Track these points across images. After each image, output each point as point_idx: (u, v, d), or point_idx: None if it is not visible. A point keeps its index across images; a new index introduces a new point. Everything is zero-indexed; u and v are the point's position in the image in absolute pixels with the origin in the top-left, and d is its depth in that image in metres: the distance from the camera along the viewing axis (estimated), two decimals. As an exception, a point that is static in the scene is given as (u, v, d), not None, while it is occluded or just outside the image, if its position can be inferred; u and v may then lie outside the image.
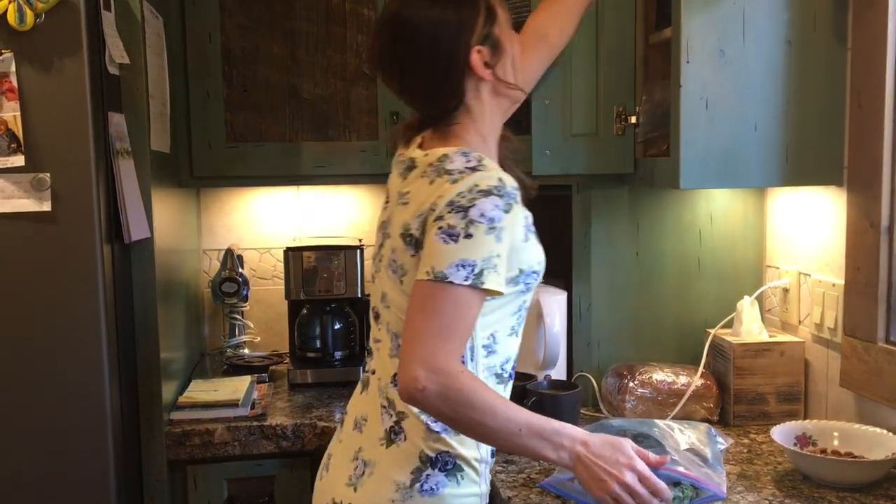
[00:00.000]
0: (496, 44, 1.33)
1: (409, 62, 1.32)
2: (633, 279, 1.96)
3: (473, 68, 1.31)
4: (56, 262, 1.56)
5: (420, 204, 1.27)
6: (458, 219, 1.20)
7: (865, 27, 1.56)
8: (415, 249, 1.26)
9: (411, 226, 1.27)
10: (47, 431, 1.58)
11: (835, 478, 1.45)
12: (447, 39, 1.29)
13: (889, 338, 1.55)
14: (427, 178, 1.28)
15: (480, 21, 1.31)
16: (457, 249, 1.19)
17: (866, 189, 1.57)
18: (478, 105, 1.35)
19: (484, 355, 1.31)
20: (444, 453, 1.29)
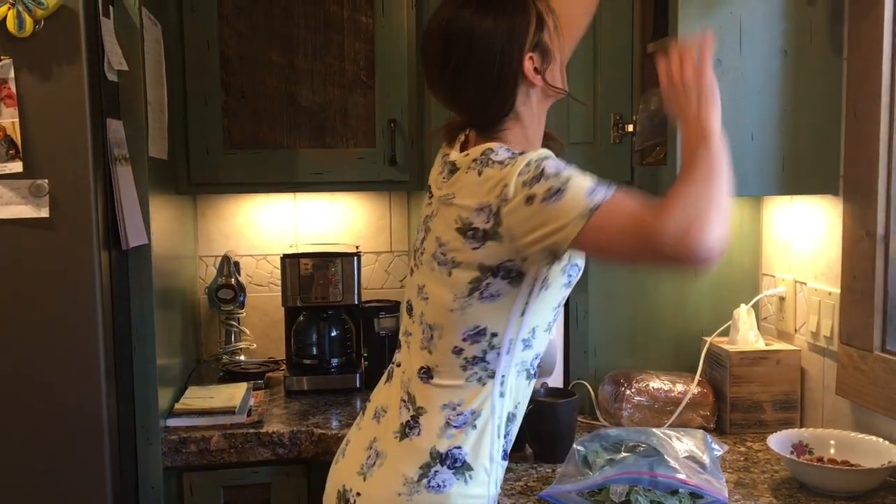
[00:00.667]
0: (545, 50, 1.34)
1: (462, 73, 1.31)
2: (629, 287, 1.97)
3: (526, 75, 1.32)
4: (54, 268, 1.55)
5: (477, 196, 1.26)
6: (544, 182, 1.19)
7: (861, 38, 1.58)
8: (479, 242, 1.25)
9: (473, 220, 1.26)
10: (44, 438, 1.57)
11: (831, 486, 1.46)
12: (500, 49, 1.30)
13: (885, 346, 1.56)
14: (473, 171, 1.28)
15: (532, 29, 1.32)
16: (574, 192, 1.17)
17: (862, 198, 1.58)
18: (527, 111, 1.35)
19: (521, 349, 1.31)
20: (457, 449, 1.29)
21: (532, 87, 1.34)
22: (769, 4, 1.61)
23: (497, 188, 1.23)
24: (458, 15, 1.31)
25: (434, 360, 1.32)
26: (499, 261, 1.25)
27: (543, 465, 1.65)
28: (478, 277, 1.27)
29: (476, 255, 1.26)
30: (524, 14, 1.32)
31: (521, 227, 1.21)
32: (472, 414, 1.29)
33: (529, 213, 1.19)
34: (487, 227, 1.24)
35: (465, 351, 1.29)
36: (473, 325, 1.29)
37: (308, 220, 2.50)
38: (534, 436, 1.66)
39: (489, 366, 1.30)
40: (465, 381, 1.30)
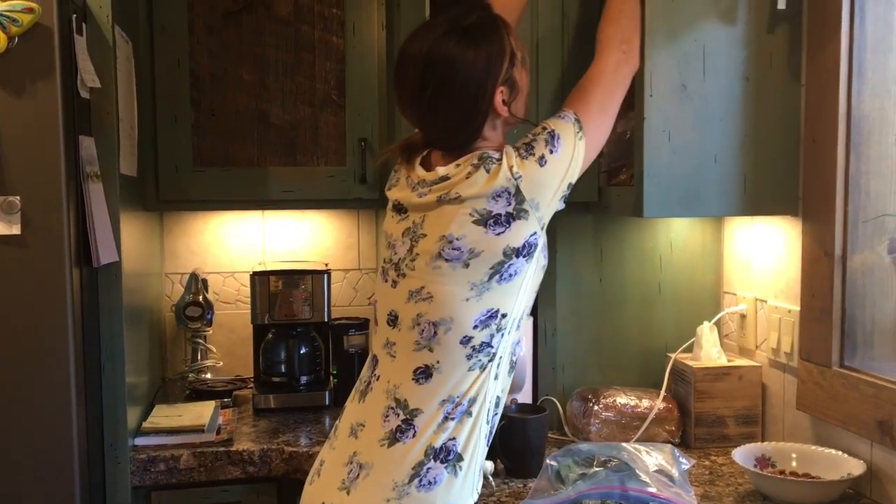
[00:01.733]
0: (514, 83, 1.42)
1: (438, 100, 1.38)
2: (596, 305, 2.01)
3: (496, 108, 1.41)
4: (25, 285, 1.54)
5: (491, 188, 1.35)
6: (538, 142, 1.38)
7: (818, 65, 1.64)
8: (504, 226, 1.35)
9: (492, 208, 1.35)
10: (12, 456, 1.55)
11: (794, 498, 1.51)
12: (477, 82, 1.38)
13: (843, 362, 1.62)
14: (479, 168, 1.36)
15: (505, 65, 1.40)
16: (561, 129, 1.40)
17: (820, 219, 1.64)
18: (493, 135, 1.44)
19: (515, 329, 1.39)
20: (451, 441, 1.32)
21: (499, 117, 1.43)
22: (732, 33, 1.67)
23: (507, 173, 1.35)
24: (440, 43, 1.37)
25: (435, 357, 1.35)
26: (524, 238, 1.35)
27: (515, 480, 1.67)
28: (500, 262, 1.35)
29: (501, 239, 1.34)
30: (500, 50, 1.40)
31: (548, 187, 1.37)
32: (469, 402, 1.34)
33: (550, 170, 1.37)
34: (510, 209, 1.35)
35: (473, 339, 1.35)
36: (487, 310, 1.35)
37: (276, 237, 2.51)
38: (505, 451, 1.68)
39: (492, 350, 1.36)
40: (468, 370, 1.35)
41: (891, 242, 1.60)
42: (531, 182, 1.35)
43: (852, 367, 1.60)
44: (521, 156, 1.37)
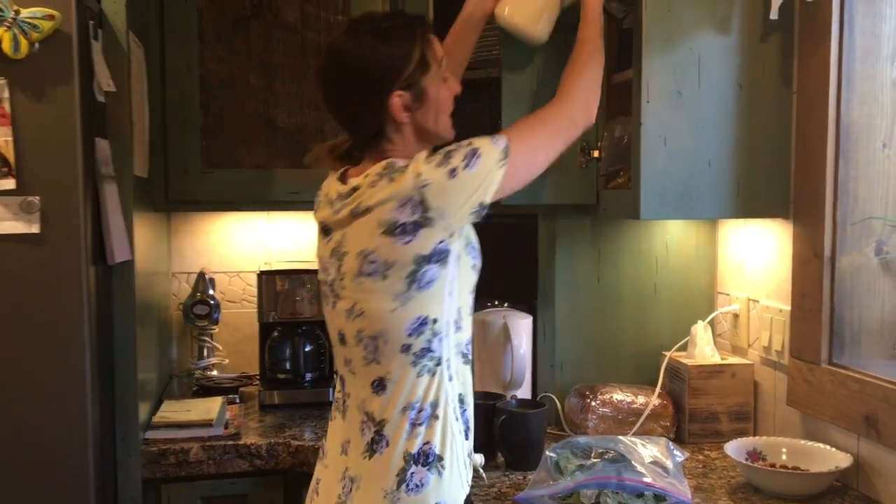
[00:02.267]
0: (421, 92, 1.43)
1: (337, 87, 1.45)
2: (594, 304, 2.07)
3: (392, 110, 1.41)
4: (44, 282, 1.59)
5: (396, 197, 1.34)
6: (457, 154, 1.35)
7: (809, 73, 1.71)
8: (410, 235, 1.34)
9: (398, 218, 1.34)
10: (29, 448, 1.60)
11: (783, 489, 1.56)
12: (372, 76, 1.40)
13: (832, 360, 1.68)
14: (382, 179, 1.37)
15: (409, 68, 1.41)
16: (485, 150, 1.37)
17: (810, 221, 1.70)
18: (401, 141, 1.45)
19: (454, 331, 1.41)
20: (427, 445, 1.36)
21: (402, 123, 1.44)
22: (725, 41, 1.73)
23: (412, 181, 1.34)
24: (345, 39, 1.44)
25: (385, 369, 1.39)
26: (432, 246, 1.35)
27: (515, 472, 1.73)
28: (413, 270, 1.35)
29: (409, 248, 1.35)
30: (406, 54, 1.41)
31: (453, 199, 1.34)
32: (431, 406, 1.37)
33: (458, 184, 1.34)
34: (416, 218, 1.34)
35: (412, 346, 1.37)
36: (415, 318, 1.37)
37: (281, 238, 2.56)
38: (506, 444, 1.74)
39: (435, 354, 1.38)
40: (417, 376, 1.37)
41: (878, 245, 1.66)
42: (438, 190, 1.33)
43: (840, 364, 1.66)
44: (436, 162, 1.35)
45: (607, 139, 1.91)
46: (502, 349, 1.98)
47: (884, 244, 1.65)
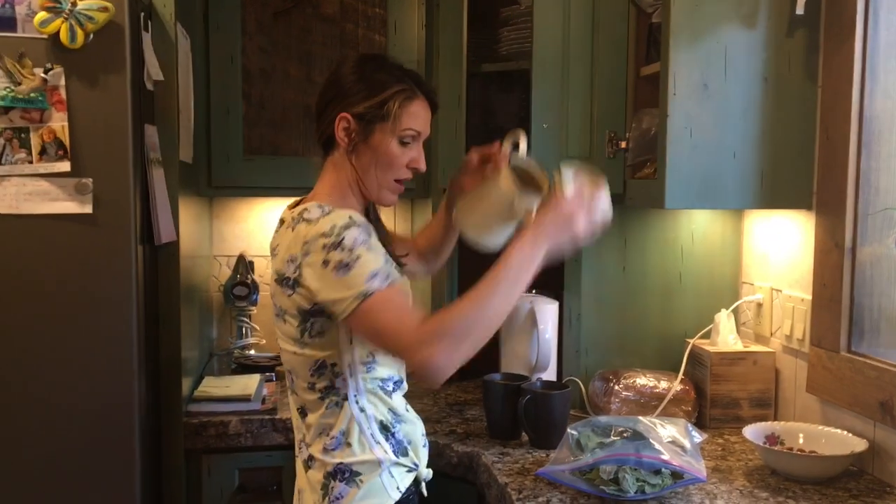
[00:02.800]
0: (368, 131, 1.47)
1: (325, 85, 1.55)
2: (619, 292, 2.12)
3: (335, 129, 1.49)
4: (95, 260, 1.69)
5: (288, 250, 1.42)
6: (339, 252, 1.34)
7: (834, 67, 1.74)
8: (291, 289, 1.41)
9: (285, 270, 1.42)
10: (79, 418, 1.70)
11: (798, 472, 1.61)
12: (341, 89, 1.49)
13: (851, 348, 1.72)
14: (290, 228, 1.44)
15: (367, 102, 1.46)
16: (359, 271, 1.34)
17: (832, 213, 1.74)
18: (340, 170, 1.52)
19: (365, 371, 1.46)
20: (340, 464, 1.45)
21: (338, 147, 1.51)
22: (752, 36, 1.77)
23: (302, 243, 1.38)
24: (359, 55, 1.58)
25: (301, 399, 1.50)
26: (311, 303, 1.40)
27: (538, 450, 1.79)
28: (302, 320, 1.42)
29: (293, 300, 1.42)
30: (374, 88, 1.47)
31: (314, 283, 1.36)
32: (342, 434, 1.45)
33: (322, 276, 1.35)
34: (294, 276, 1.40)
35: (316, 384, 1.46)
36: (314, 362, 1.44)
37: (317, 224, 2.64)
38: (530, 424, 1.81)
39: (340, 391, 1.45)
40: (326, 408, 1.46)
41: (898, 236, 1.69)
42: (310, 269, 1.36)
43: (859, 352, 1.69)
44: (322, 243, 1.35)
45: (635, 130, 1.96)
46: (529, 334, 2.04)
47: (904, 235, 1.69)
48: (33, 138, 1.65)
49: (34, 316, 1.68)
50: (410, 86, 1.50)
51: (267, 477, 2.04)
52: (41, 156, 1.65)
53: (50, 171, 1.66)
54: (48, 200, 1.66)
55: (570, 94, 1.96)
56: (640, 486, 1.47)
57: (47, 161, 1.65)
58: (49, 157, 1.65)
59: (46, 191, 1.66)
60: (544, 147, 1.95)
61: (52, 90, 1.65)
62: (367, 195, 1.53)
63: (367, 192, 1.52)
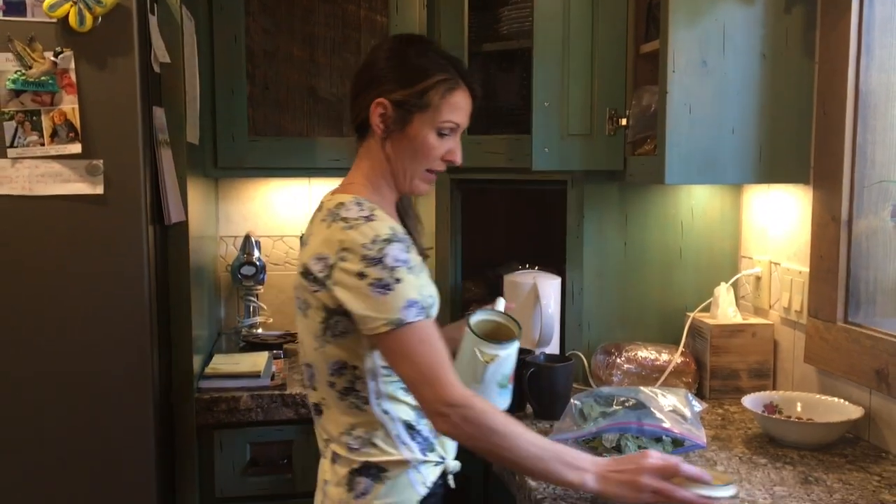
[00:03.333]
0: (405, 120, 1.44)
1: (365, 63, 1.52)
2: (620, 266, 2.16)
3: (370, 112, 1.44)
4: (107, 240, 1.73)
5: (318, 246, 1.37)
6: (380, 270, 1.31)
7: (830, 44, 1.77)
8: (317, 286, 1.37)
9: (312, 266, 1.38)
10: (97, 393, 1.75)
11: (796, 439, 1.66)
12: (381, 71, 1.45)
13: (847, 318, 1.75)
14: (325, 222, 1.39)
15: (408, 90, 1.43)
16: (396, 296, 1.31)
17: (829, 187, 1.78)
18: (376, 150, 1.48)
19: (385, 374, 1.41)
20: (366, 463, 1.42)
21: (373, 134, 1.47)
22: (750, 12, 1.80)
23: (336, 245, 1.34)
24: (407, 36, 1.59)
25: (319, 396, 1.46)
26: (336, 303, 1.36)
27: (542, 420, 1.84)
28: (325, 318, 1.39)
29: (317, 297, 1.38)
30: (416, 75, 1.43)
31: (345, 291, 1.33)
32: (367, 434, 1.42)
33: (356, 287, 1.32)
34: (322, 276, 1.36)
35: (336, 384, 1.42)
36: (335, 361, 1.41)
37: (321, 203, 2.68)
38: (534, 395, 1.85)
39: (361, 393, 1.41)
40: (347, 408, 1.42)
41: (893, 208, 1.72)
42: (340, 276, 1.34)
43: (855, 322, 1.74)
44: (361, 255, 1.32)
45: (635, 107, 1.99)
46: (532, 309, 2.08)
47: (899, 208, 1.72)
48: (45, 121, 1.68)
49: (48, 295, 1.72)
50: (454, 75, 1.45)
51: (278, 451, 2.09)
52: (52, 138, 1.68)
53: (61, 152, 1.69)
54: (60, 182, 1.70)
55: (571, 73, 1.99)
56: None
57: (59, 143, 1.69)
58: (60, 140, 1.69)
59: (58, 172, 1.70)
60: (546, 125, 1.98)
61: (62, 73, 1.68)
62: (399, 185, 1.50)
63: (399, 182, 1.49)
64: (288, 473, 2.09)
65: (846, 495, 1.41)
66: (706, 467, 1.53)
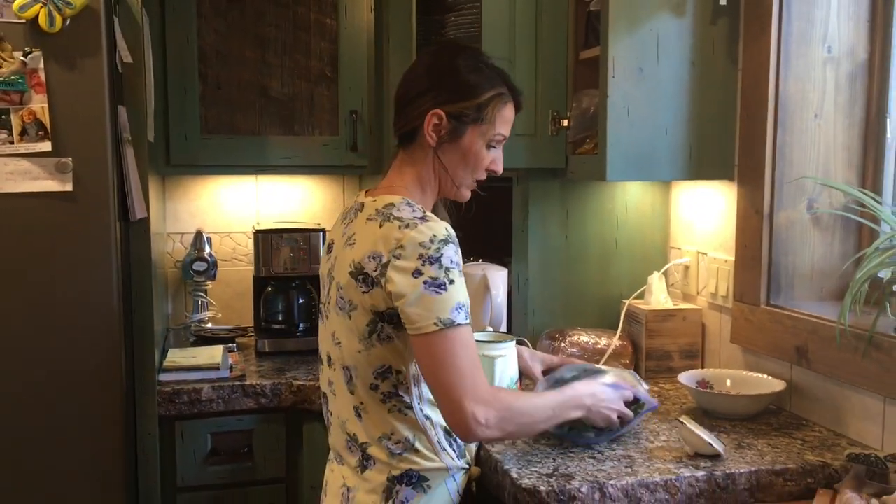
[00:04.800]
0: (460, 132, 1.46)
1: (417, 72, 1.53)
2: (562, 258, 2.31)
3: (424, 123, 1.45)
4: (76, 236, 1.76)
5: (372, 244, 1.38)
6: (436, 269, 1.33)
7: (753, 54, 1.95)
8: (368, 287, 1.37)
9: (365, 265, 1.37)
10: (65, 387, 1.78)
11: (727, 410, 1.83)
12: (437, 82, 1.46)
13: (769, 301, 1.94)
14: (374, 221, 1.40)
15: (466, 103, 1.45)
16: (449, 297, 1.33)
17: (752, 183, 1.96)
18: (420, 164, 1.49)
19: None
20: (408, 471, 1.44)
21: (428, 146, 1.47)
22: (681, 23, 1.96)
23: (393, 243, 1.35)
24: (462, 47, 1.61)
25: (358, 399, 1.45)
26: (386, 306, 1.37)
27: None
28: (372, 320, 1.39)
29: (366, 298, 1.38)
30: (473, 89, 1.46)
31: (397, 288, 1.34)
32: (408, 440, 1.43)
33: (411, 284, 1.33)
34: (375, 275, 1.36)
35: (380, 387, 1.42)
36: (380, 365, 1.41)
37: (268, 201, 2.74)
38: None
39: (404, 398, 1.42)
40: (388, 412, 1.42)
41: (809, 202, 1.92)
42: (395, 273, 1.34)
43: (777, 304, 1.92)
44: (419, 254, 1.33)
45: (575, 110, 2.14)
46: (482, 298, 2.20)
47: (814, 201, 1.91)
48: (13, 119, 1.70)
49: (18, 290, 1.74)
50: (505, 90, 1.50)
51: (238, 440, 2.16)
52: (22, 136, 1.71)
53: (31, 150, 1.72)
54: (30, 179, 1.73)
55: (517, 77, 2.09)
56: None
57: (28, 141, 1.72)
58: (30, 138, 1.72)
59: (28, 170, 1.72)
60: (494, 125, 2.11)
61: (31, 73, 1.70)
62: (445, 192, 1.53)
63: (446, 189, 1.52)
64: (248, 462, 2.16)
65: (776, 457, 1.58)
66: (651, 437, 1.69)
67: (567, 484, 1.44)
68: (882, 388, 1.60)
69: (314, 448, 2.14)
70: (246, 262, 2.72)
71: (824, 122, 1.91)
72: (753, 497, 1.51)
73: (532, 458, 1.56)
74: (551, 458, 1.57)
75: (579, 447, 1.62)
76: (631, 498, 1.45)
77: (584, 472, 1.49)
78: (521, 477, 1.47)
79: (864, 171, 1.93)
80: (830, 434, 1.73)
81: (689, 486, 1.48)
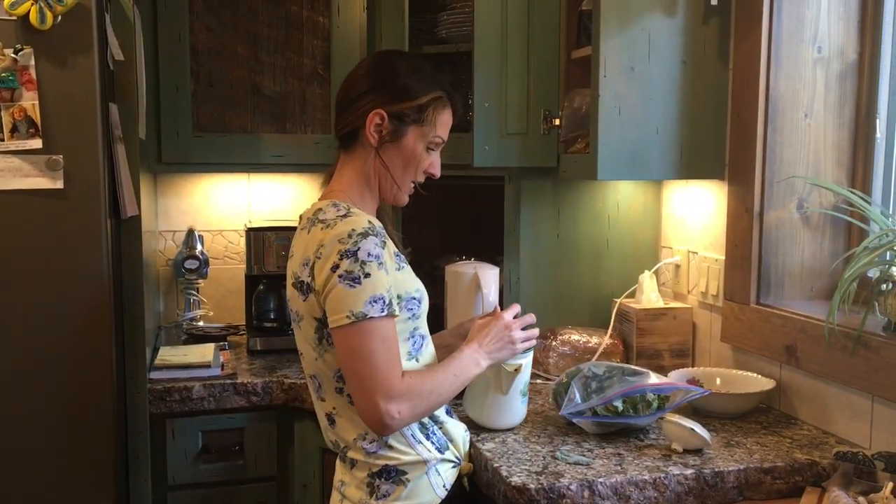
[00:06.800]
0: (401, 132, 1.49)
1: (357, 74, 1.56)
2: (554, 257, 2.31)
3: (366, 122, 1.48)
4: (67, 233, 1.76)
5: (303, 252, 1.42)
6: (351, 263, 1.35)
7: (743, 52, 1.96)
8: (305, 294, 1.42)
9: (300, 274, 1.42)
10: (55, 385, 1.78)
11: (718, 408, 1.84)
12: (378, 83, 1.49)
13: (759, 300, 1.95)
14: (305, 230, 1.45)
15: (407, 104, 1.48)
16: (363, 290, 1.35)
17: (743, 182, 1.97)
18: (363, 159, 1.52)
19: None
20: (385, 466, 1.46)
21: (370, 145, 1.49)
22: (672, 23, 1.97)
23: (317, 246, 1.39)
24: (398, 51, 1.71)
25: (329, 405, 1.49)
26: (321, 309, 1.39)
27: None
28: (318, 327, 1.42)
29: (306, 306, 1.42)
30: (414, 90, 1.49)
31: (318, 285, 1.38)
32: (380, 437, 1.45)
33: (327, 278, 1.36)
34: (308, 280, 1.40)
35: (344, 390, 1.45)
36: (337, 368, 1.44)
37: (260, 199, 2.74)
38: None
39: None
40: (357, 413, 1.42)
41: (799, 201, 1.93)
42: (318, 271, 1.37)
43: (766, 303, 1.93)
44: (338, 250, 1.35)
45: (567, 109, 2.14)
46: (473, 297, 2.20)
47: (804, 200, 1.92)
48: (4, 116, 1.70)
49: (9, 288, 1.74)
50: (445, 94, 1.53)
51: (230, 438, 2.16)
52: (12, 133, 1.71)
53: (21, 147, 1.72)
54: (20, 176, 1.72)
55: (509, 76, 2.12)
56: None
57: (19, 139, 1.71)
58: (20, 135, 1.71)
59: (18, 167, 1.72)
60: (485, 124, 2.11)
61: (22, 70, 1.70)
62: (384, 194, 1.55)
63: (385, 192, 1.54)
64: (239, 460, 2.16)
65: (764, 455, 1.59)
66: (642, 436, 1.70)
67: (556, 482, 1.45)
68: (870, 386, 1.61)
69: (305, 446, 2.14)
70: (238, 261, 2.72)
71: (814, 121, 1.92)
72: (742, 495, 1.52)
73: (522, 456, 1.57)
74: (541, 456, 1.58)
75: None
76: (620, 496, 1.46)
77: (573, 469, 1.50)
78: (511, 475, 1.48)
79: (854, 170, 1.94)
80: (819, 432, 1.74)
81: (677, 483, 1.49)
